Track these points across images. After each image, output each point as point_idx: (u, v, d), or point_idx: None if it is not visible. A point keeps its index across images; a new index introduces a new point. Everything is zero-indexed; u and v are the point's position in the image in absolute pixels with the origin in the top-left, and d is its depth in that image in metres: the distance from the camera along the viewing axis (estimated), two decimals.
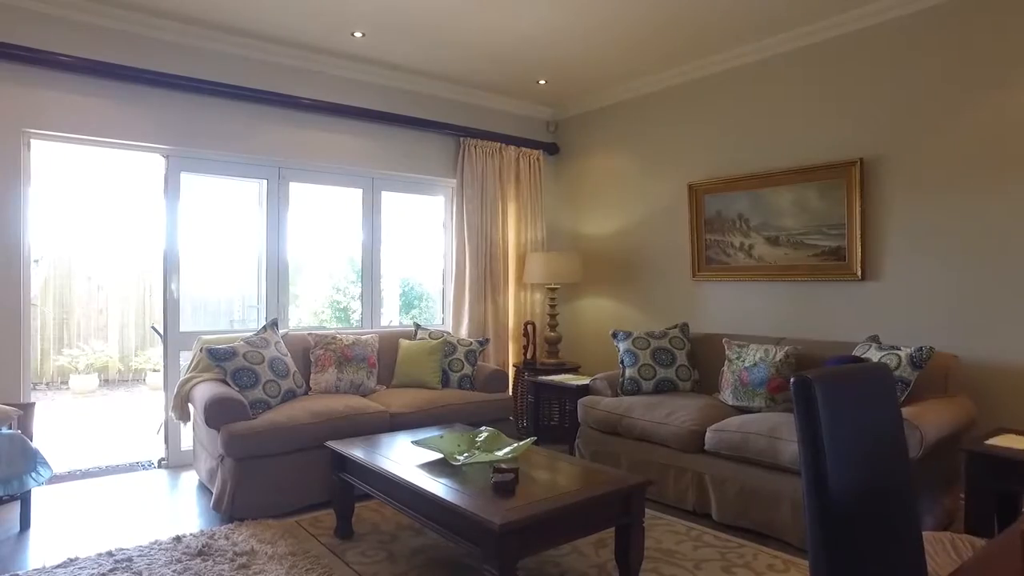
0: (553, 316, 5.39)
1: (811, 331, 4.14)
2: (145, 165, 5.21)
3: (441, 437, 2.94)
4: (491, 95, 5.54)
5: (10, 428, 3.23)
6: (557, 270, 5.25)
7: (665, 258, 5.07)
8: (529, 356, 5.33)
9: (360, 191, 5.10)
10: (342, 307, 7.74)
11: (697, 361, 4.33)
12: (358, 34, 4.31)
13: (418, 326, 4.78)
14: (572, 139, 5.92)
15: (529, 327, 5.35)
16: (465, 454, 2.83)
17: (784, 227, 4.29)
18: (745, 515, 3.26)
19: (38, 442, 3.40)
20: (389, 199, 5.27)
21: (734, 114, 4.61)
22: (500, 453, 2.79)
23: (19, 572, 2.76)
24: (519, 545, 2.22)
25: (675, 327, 4.43)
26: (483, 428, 3.10)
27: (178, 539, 3.07)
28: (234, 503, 3.35)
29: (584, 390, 4.43)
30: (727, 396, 3.85)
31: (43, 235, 8.03)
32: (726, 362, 3.95)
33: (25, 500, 3.29)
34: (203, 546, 2.98)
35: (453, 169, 5.39)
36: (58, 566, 2.81)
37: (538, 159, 5.76)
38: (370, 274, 5.18)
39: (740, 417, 3.47)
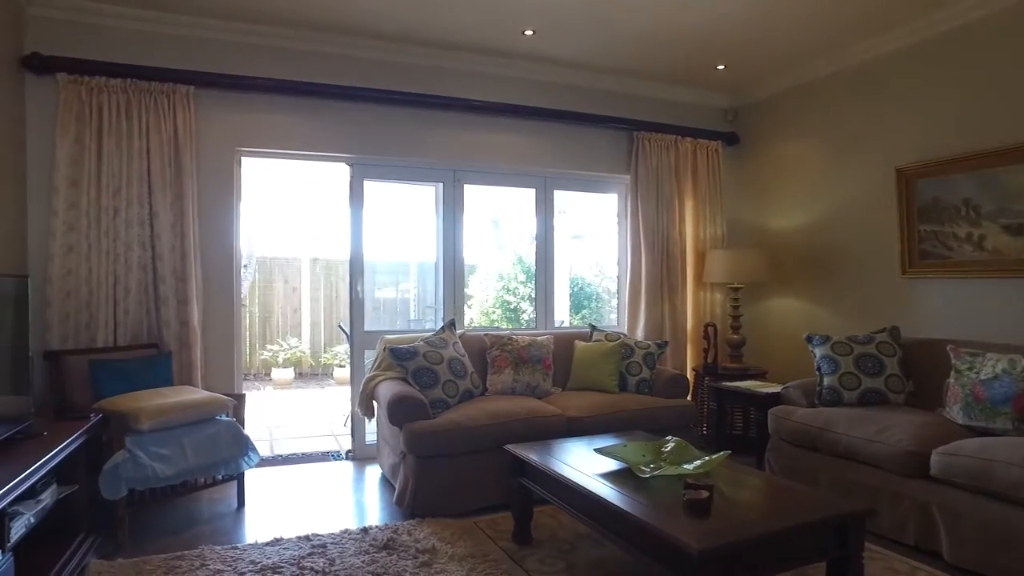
0: (736, 318, 5.01)
1: None
2: (331, 174, 5.57)
3: (625, 446, 2.78)
4: (665, 86, 5.27)
5: (227, 416, 3.57)
6: (739, 268, 4.86)
7: (867, 253, 4.49)
8: (710, 360, 4.99)
9: (533, 191, 5.08)
10: (512, 307, 7.83)
11: (911, 371, 3.76)
12: (529, 32, 4.27)
13: (594, 327, 4.65)
14: (753, 126, 5.47)
15: (710, 329, 5.01)
16: (651, 465, 2.64)
17: None
18: (989, 559, 2.72)
19: (248, 429, 3.73)
20: (560, 198, 5.19)
21: (955, 83, 3.95)
22: (690, 466, 2.57)
23: (238, 545, 3.04)
24: (719, 574, 1.99)
25: (882, 331, 3.89)
26: (669, 438, 2.89)
27: (365, 531, 3.19)
28: (415, 499, 3.43)
29: (775, 399, 4.04)
30: (955, 413, 3.29)
31: (247, 242, 8.96)
32: (952, 373, 3.38)
33: (240, 481, 3.63)
34: (388, 540, 3.06)
35: (627, 165, 5.19)
36: (267, 544, 3.05)
37: (716, 150, 5.40)
38: (543, 274, 5.14)
39: (978, 440, 2.93)
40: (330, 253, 9.63)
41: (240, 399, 3.86)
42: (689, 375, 5.11)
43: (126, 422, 3.08)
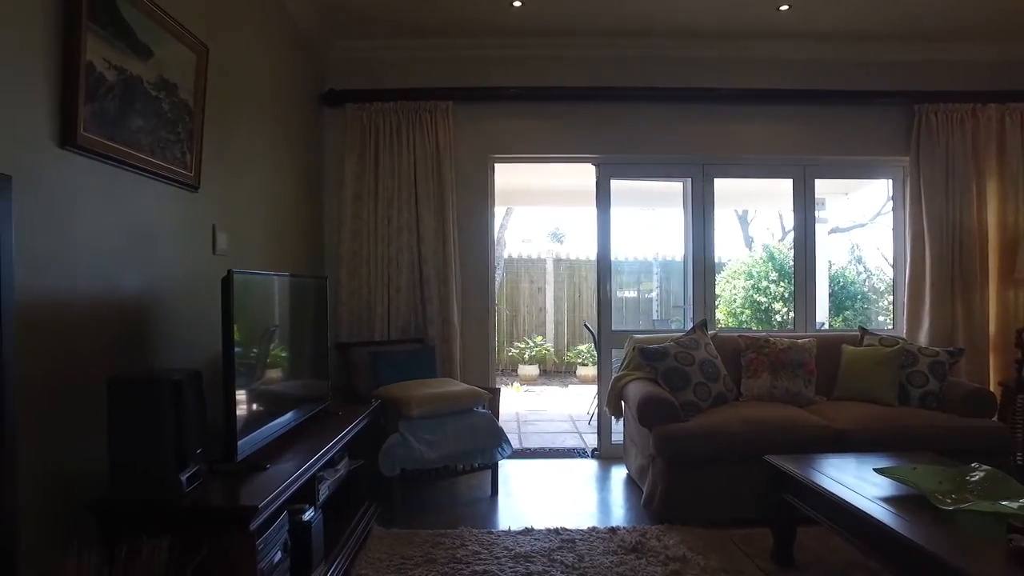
0: None
1: None
2: (575, 175, 5.64)
3: (914, 469, 2.38)
4: (955, 44, 4.43)
5: (484, 408, 3.80)
6: None
7: None
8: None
9: (790, 181, 4.64)
10: (763, 308, 7.29)
11: None
12: (784, 7, 3.91)
13: (865, 331, 4.09)
14: None
15: None
16: (953, 496, 2.21)
17: None
18: None
19: (501, 422, 3.93)
20: (821, 187, 4.67)
21: None
22: (1014, 504, 2.09)
23: (493, 530, 3.22)
24: None
25: None
26: (975, 465, 2.41)
27: (613, 531, 3.17)
28: (664, 504, 3.32)
29: None
30: None
31: (496, 244, 9.53)
32: None
33: (494, 470, 3.84)
34: (636, 543, 3.00)
35: (905, 145, 4.49)
36: (519, 532, 3.17)
37: None
38: (803, 272, 4.67)
39: None
40: (573, 253, 9.90)
41: (495, 393, 4.10)
42: (994, 390, 4.25)
43: (399, 408, 3.45)
